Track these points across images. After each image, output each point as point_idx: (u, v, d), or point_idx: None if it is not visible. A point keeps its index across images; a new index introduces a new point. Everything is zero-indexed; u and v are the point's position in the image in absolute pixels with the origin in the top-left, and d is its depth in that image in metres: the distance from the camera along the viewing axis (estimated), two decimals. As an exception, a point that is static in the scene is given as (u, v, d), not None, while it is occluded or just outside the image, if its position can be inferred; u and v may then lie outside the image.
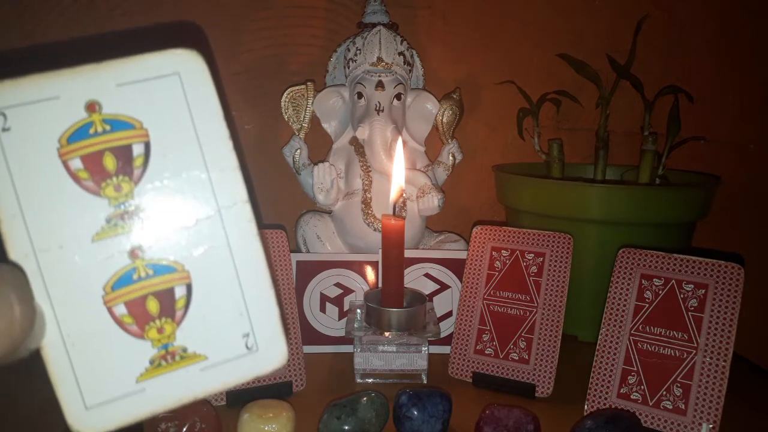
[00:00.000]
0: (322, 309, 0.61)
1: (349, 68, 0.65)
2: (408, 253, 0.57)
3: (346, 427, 0.42)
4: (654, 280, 0.48)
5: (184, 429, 0.40)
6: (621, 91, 0.68)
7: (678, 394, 0.45)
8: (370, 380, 0.55)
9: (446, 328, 0.60)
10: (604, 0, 0.76)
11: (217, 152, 0.23)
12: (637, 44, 0.66)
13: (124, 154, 0.22)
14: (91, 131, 0.22)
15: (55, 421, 0.22)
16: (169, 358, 0.23)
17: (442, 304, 0.61)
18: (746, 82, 0.78)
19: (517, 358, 0.53)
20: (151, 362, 0.23)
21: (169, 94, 0.23)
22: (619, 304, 0.49)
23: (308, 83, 0.66)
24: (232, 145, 0.24)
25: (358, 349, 0.54)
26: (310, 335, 0.60)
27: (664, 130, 0.66)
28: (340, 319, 0.61)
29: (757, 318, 0.70)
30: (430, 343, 0.55)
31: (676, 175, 0.69)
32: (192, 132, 0.23)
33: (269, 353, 0.24)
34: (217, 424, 0.42)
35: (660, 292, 0.47)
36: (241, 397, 0.47)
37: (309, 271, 0.61)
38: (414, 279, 0.61)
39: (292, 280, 0.59)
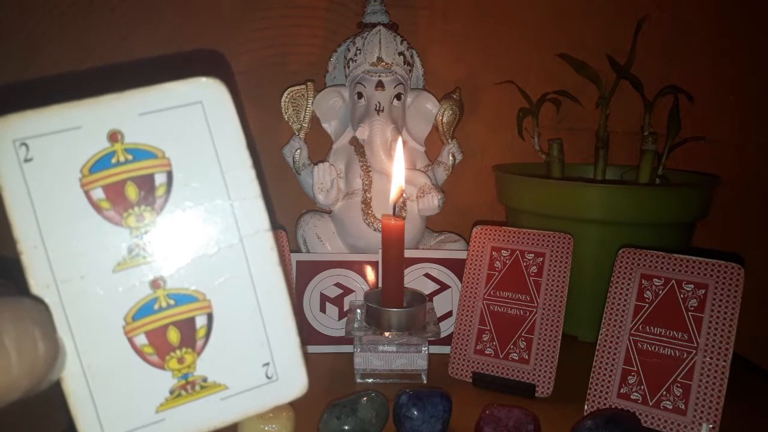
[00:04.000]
0: (322, 309, 0.61)
1: (349, 68, 0.65)
2: (408, 253, 0.57)
3: (346, 427, 0.42)
4: (654, 280, 0.48)
5: None
6: (621, 91, 0.68)
7: (678, 394, 0.45)
8: (370, 380, 0.55)
9: (446, 328, 0.60)
10: (604, 0, 0.76)
11: (240, 181, 0.23)
12: (637, 44, 0.66)
13: (146, 183, 0.22)
14: (114, 161, 0.22)
15: (55, 422, 0.22)
16: (189, 388, 0.23)
17: (442, 304, 0.61)
18: (746, 82, 0.78)
19: (517, 358, 0.53)
20: (171, 392, 0.23)
21: (192, 123, 0.23)
22: (619, 304, 0.49)
23: (308, 83, 0.66)
24: (255, 173, 0.23)
25: (358, 349, 0.54)
26: (310, 335, 0.60)
27: (664, 130, 0.66)
28: (340, 319, 0.61)
29: (757, 318, 0.70)
30: (430, 343, 0.55)
31: (676, 175, 0.69)
32: (214, 161, 0.23)
33: (289, 382, 0.24)
34: (217, 424, 0.42)
35: (660, 292, 0.47)
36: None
37: (309, 271, 0.61)
38: (414, 279, 0.61)
39: (292, 280, 0.59)
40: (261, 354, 0.24)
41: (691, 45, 0.77)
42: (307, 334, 0.60)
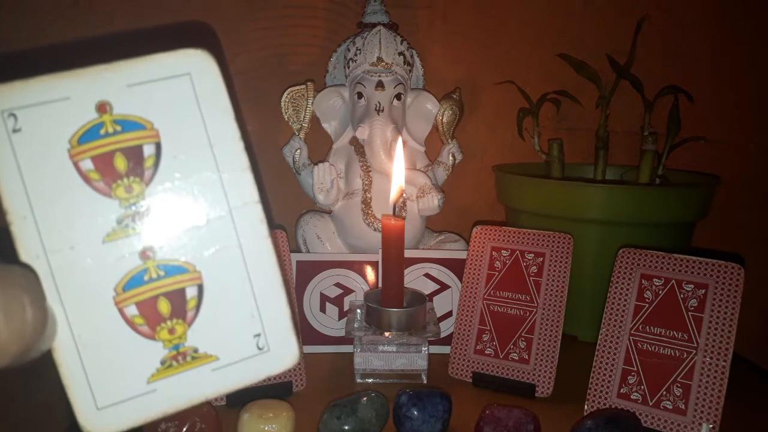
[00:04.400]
0: (322, 309, 0.61)
1: (349, 68, 0.65)
2: (408, 253, 0.57)
3: (346, 427, 0.42)
4: (654, 280, 0.48)
5: (184, 429, 0.40)
6: (621, 91, 0.68)
7: (678, 394, 0.45)
8: (370, 380, 0.55)
9: (446, 328, 0.60)
10: (604, 0, 0.76)
11: (228, 153, 0.23)
12: (637, 44, 0.66)
13: (135, 154, 0.22)
14: (102, 132, 0.22)
15: (55, 421, 0.22)
16: (180, 358, 0.23)
17: (442, 304, 0.61)
18: (746, 82, 0.78)
19: (517, 358, 0.53)
20: (162, 363, 0.23)
21: (180, 94, 0.23)
22: (619, 304, 0.49)
23: (308, 83, 0.66)
24: (243, 145, 0.23)
25: (358, 349, 0.54)
26: (310, 335, 0.60)
27: (664, 130, 0.66)
28: (340, 319, 0.61)
29: (758, 318, 0.70)
30: (430, 343, 0.55)
31: (676, 175, 0.69)
32: (203, 132, 0.23)
33: (280, 353, 0.24)
34: (217, 424, 0.42)
35: (660, 292, 0.47)
36: (241, 398, 0.47)
37: (309, 271, 0.61)
38: (414, 279, 0.61)
39: (292, 280, 0.59)
40: (252, 325, 0.24)
41: (691, 45, 0.77)
42: (306, 334, 0.60)
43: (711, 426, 0.44)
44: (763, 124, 0.79)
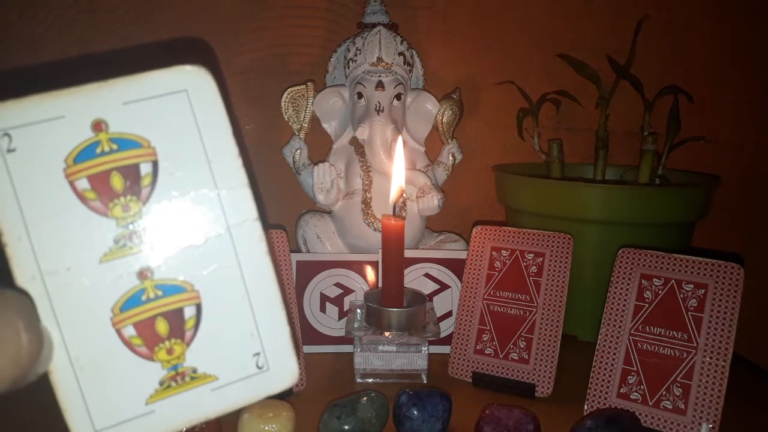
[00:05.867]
0: (322, 309, 0.61)
1: (349, 68, 0.65)
2: (408, 253, 0.57)
3: (346, 427, 0.42)
4: (654, 280, 0.48)
5: (184, 429, 0.40)
6: (621, 91, 0.68)
7: (678, 394, 0.45)
8: (370, 380, 0.55)
9: (446, 328, 0.60)
10: (604, 0, 0.76)
11: (226, 170, 0.23)
12: (637, 44, 0.66)
13: (131, 173, 0.22)
14: (98, 150, 0.22)
15: (55, 425, 0.22)
16: (179, 379, 0.23)
17: (442, 304, 0.61)
18: (746, 82, 0.78)
19: (517, 358, 0.53)
20: (161, 384, 0.22)
21: (177, 111, 0.23)
22: (619, 304, 0.49)
23: (308, 83, 0.66)
24: (242, 162, 0.23)
25: (358, 349, 0.54)
26: (310, 335, 0.60)
27: (664, 130, 0.66)
28: (340, 319, 0.61)
29: (757, 318, 0.70)
30: (430, 343, 0.55)
31: (676, 175, 0.69)
32: (200, 150, 0.23)
33: (280, 372, 0.24)
34: (217, 424, 0.42)
35: (660, 292, 0.48)
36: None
37: (309, 271, 0.61)
38: (414, 279, 0.61)
39: (292, 280, 0.59)
40: (251, 344, 0.23)
41: (691, 45, 0.77)
42: (306, 334, 0.60)
43: (711, 426, 0.44)
44: (763, 124, 0.79)
